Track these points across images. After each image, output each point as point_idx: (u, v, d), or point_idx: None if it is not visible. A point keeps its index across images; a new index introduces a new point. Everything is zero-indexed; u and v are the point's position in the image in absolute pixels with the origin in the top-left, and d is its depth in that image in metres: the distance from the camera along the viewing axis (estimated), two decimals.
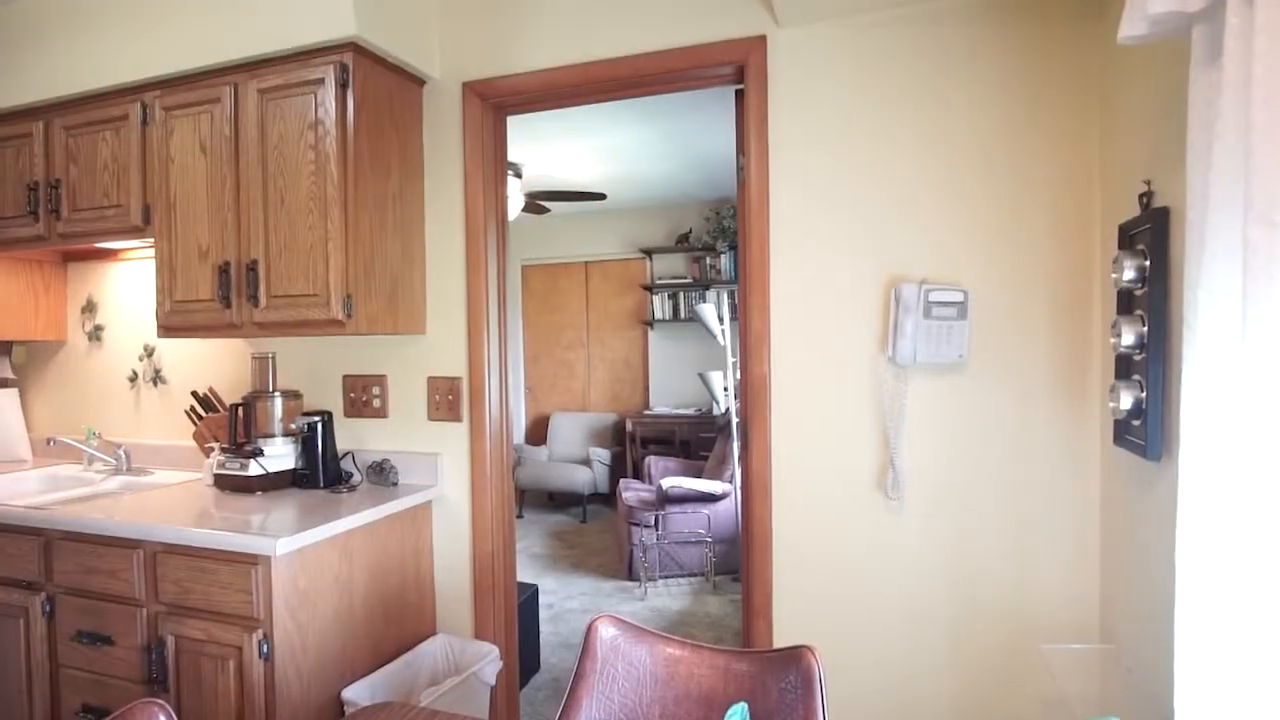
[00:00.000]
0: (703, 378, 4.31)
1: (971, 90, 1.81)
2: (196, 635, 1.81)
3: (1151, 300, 1.32)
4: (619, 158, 4.77)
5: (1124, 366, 1.45)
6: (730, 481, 4.26)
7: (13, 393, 3.12)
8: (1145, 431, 1.33)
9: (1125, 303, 1.46)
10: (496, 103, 2.30)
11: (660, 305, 6.27)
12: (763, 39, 1.97)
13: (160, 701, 1.03)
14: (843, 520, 1.94)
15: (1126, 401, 1.37)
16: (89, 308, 3.02)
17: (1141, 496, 1.47)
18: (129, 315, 2.93)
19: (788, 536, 1.99)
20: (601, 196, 4.78)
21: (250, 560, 1.74)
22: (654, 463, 5.07)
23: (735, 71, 2.05)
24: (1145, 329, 1.34)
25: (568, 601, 3.94)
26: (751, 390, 1.99)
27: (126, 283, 2.93)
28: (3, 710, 2.10)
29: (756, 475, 1.98)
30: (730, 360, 4.19)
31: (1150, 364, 1.32)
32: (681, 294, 6.20)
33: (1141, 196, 1.40)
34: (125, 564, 1.90)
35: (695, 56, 2.03)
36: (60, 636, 2.01)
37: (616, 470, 6.14)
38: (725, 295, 5.86)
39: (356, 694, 1.91)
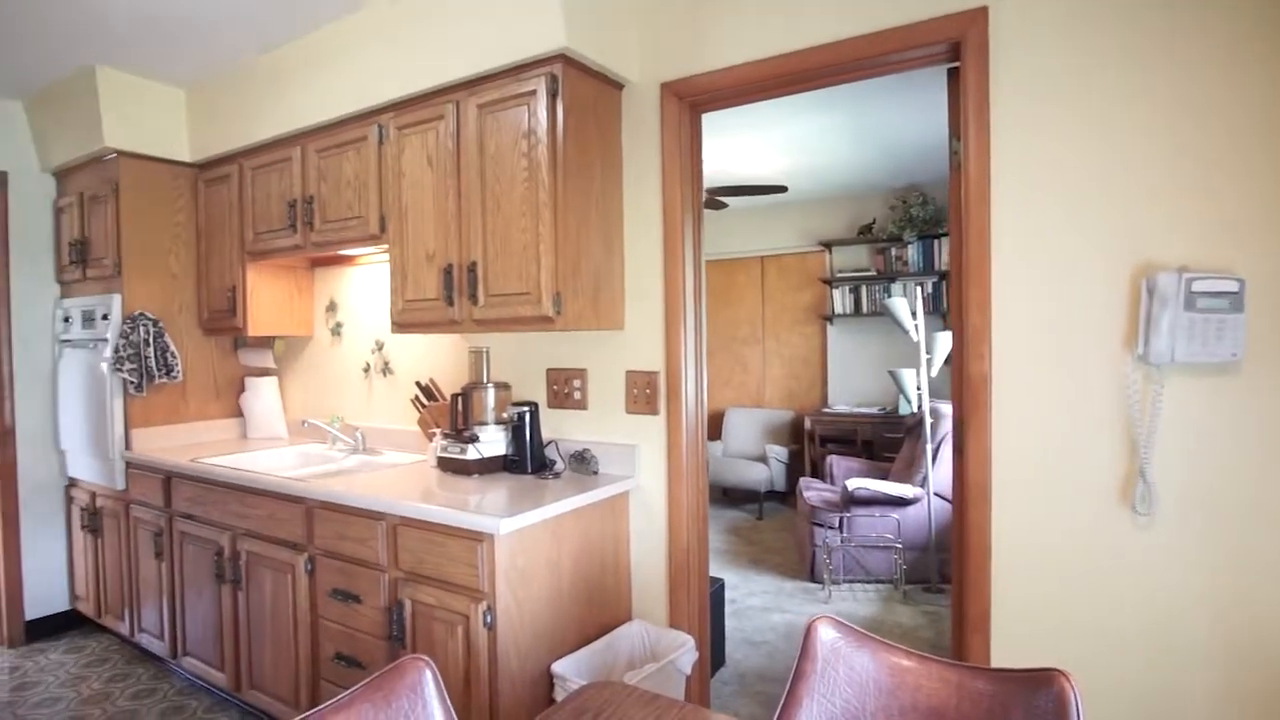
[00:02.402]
0: (893, 375, 4.10)
1: (1246, 40, 1.56)
2: (429, 601, 2.01)
3: None
4: (799, 149, 4.65)
5: None
6: (922, 486, 4.02)
7: (273, 380, 3.64)
8: None
9: None
10: (693, 101, 2.33)
11: (840, 299, 6.05)
12: (983, 10, 1.82)
13: (426, 658, 1.14)
14: (1076, 535, 1.75)
15: None
16: (331, 307, 3.45)
17: None
18: (363, 314, 3.31)
19: (1008, 548, 1.83)
20: (783, 189, 4.69)
21: (476, 537, 1.90)
22: (835, 462, 4.91)
23: (949, 49, 1.92)
24: None
25: (749, 599, 3.92)
26: (969, 390, 1.86)
27: (360, 285, 3.32)
28: (278, 650, 2.47)
29: (974, 481, 1.85)
30: (924, 357, 3.95)
31: None
32: (864, 287, 5.94)
33: None
34: (371, 533, 2.15)
35: (903, 37, 1.93)
36: (319, 592, 2.32)
37: (794, 468, 6.03)
38: (914, 288, 5.53)
39: (564, 668, 2.02)
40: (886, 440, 5.52)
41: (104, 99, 3.10)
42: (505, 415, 2.49)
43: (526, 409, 2.44)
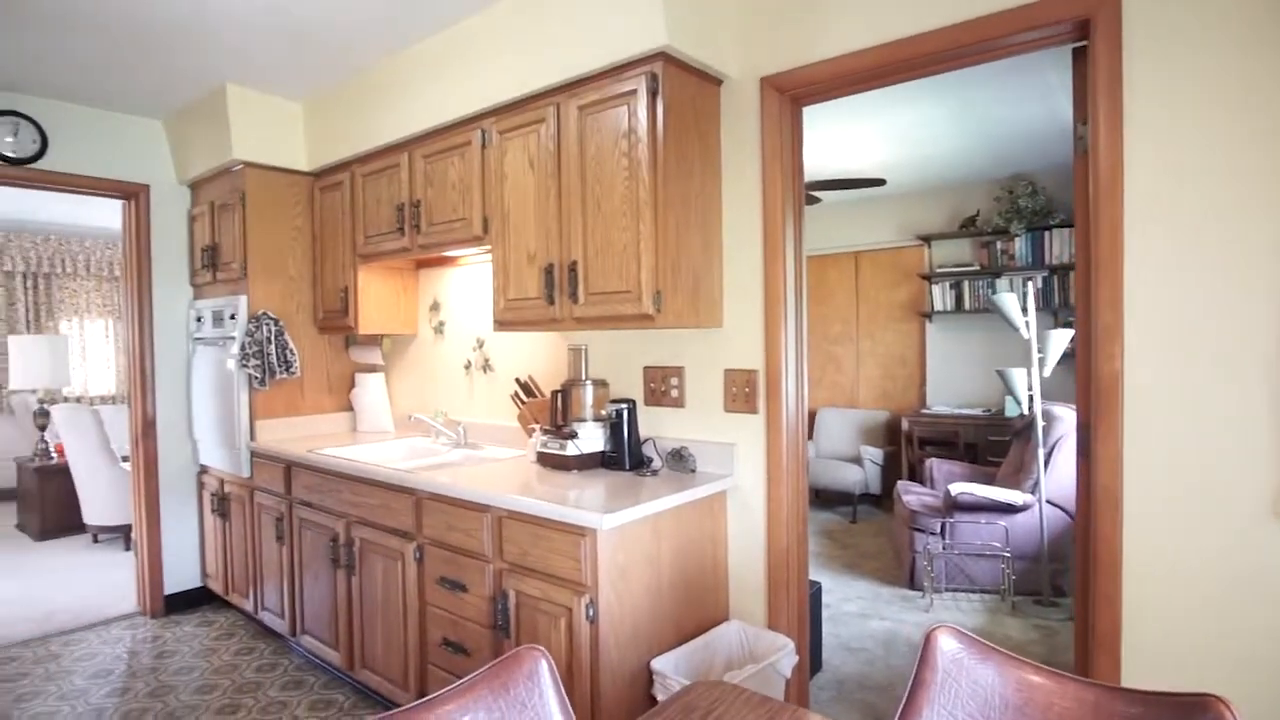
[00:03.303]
0: (1001, 375, 3.88)
1: None
2: (533, 593, 2.06)
3: None
4: (897, 139, 4.49)
5: None
6: (1033, 492, 3.80)
7: (380, 376, 3.82)
8: None
9: None
10: (794, 95, 2.29)
11: (940, 296, 5.81)
12: None
13: (541, 649, 1.17)
14: (1220, 550, 1.61)
15: None
16: (434, 307, 3.59)
17: None
18: (464, 313, 3.43)
19: (1141, 561, 1.71)
20: (881, 182, 4.54)
21: (580, 532, 1.93)
22: (935, 465, 4.71)
23: (1075, 27, 1.80)
24: None
25: (845, 604, 3.82)
26: (1098, 391, 1.74)
27: (462, 285, 3.43)
28: (388, 633, 2.59)
29: (1103, 487, 1.73)
30: (1035, 356, 3.73)
31: None
32: (966, 283, 5.68)
33: None
34: (477, 524, 2.23)
35: (1027, 18, 1.82)
36: (427, 579, 2.42)
37: (889, 471, 5.83)
38: (1023, 283, 5.24)
39: (663, 665, 2.03)
40: (991, 444, 5.26)
41: (233, 114, 3.33)
42: (603, 412, 2.52)
43: (625, 406, 2.46)
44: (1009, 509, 3.78)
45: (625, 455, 2.45)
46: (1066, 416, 3.91)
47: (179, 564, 3.90)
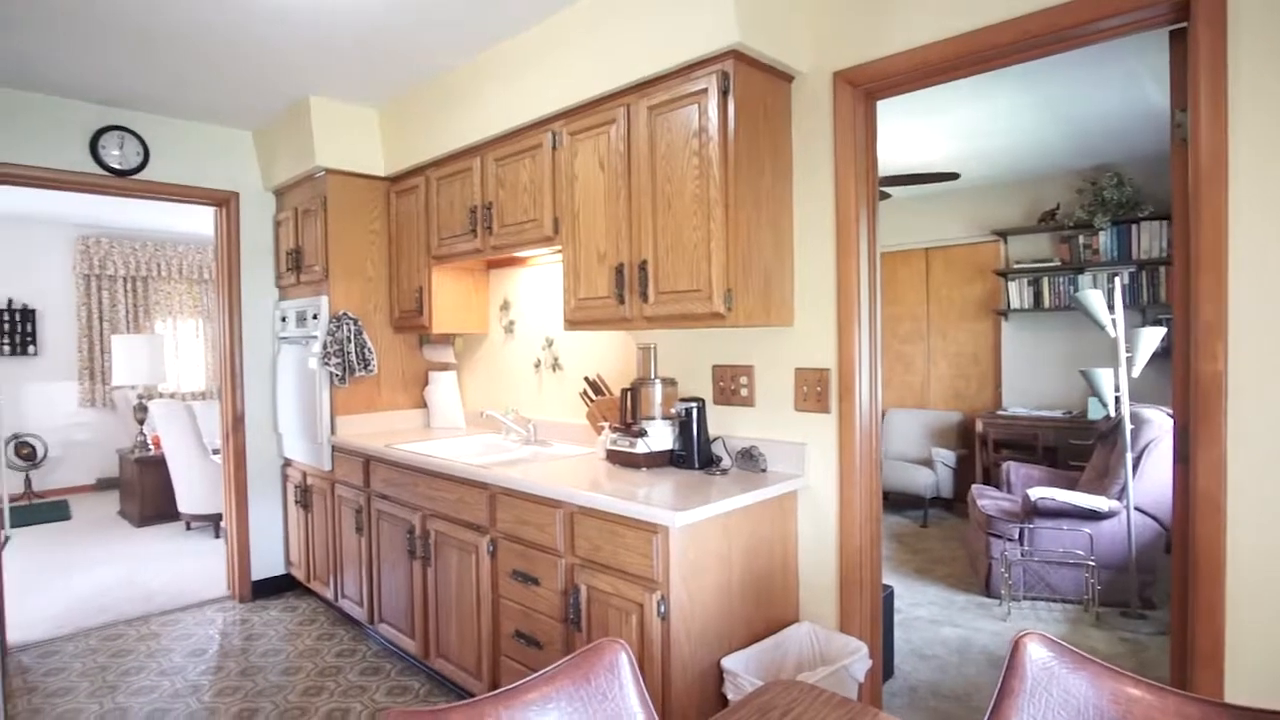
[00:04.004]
0: (1085, 375, 3.71)
1: None
2: (605, 588, 2.08)
3: None
4: (970, 132, 4.35)
5: None
6: (1119, 498, 3.62)
7: (453, 374, 3.93)
8: None
9: None
10: (867, 89, 2.24)
11: (1017, 293, 5.59)
12: None
13: (621, 641, 1.19)
14: None
15: None
16: (504, 306, 3.67)
17: None
18: (533, 312, 3.49)
19: (1247, 571, 1.61)
20: (954, 176, 4.41)
21: (651, 529, 1.94)
22: (1012, 469, 4.54)
23: (1173, 9, 1.71)
24: None
25: (915, 609, 3.73)
26: (1198, 392, 1.65)
27: (531, 285, 3.50)
28: (462, 623, 2.66)
29: (1203, 494, 1.64)
30: (1123, 355, 3.55)
31: None
32: (1045, 279, 5.45)
33: None
34: (549, 520, 2.27)
35: (1117, 1, 1.74)
36: (500, 572, 2.48)
37: (961, 474, 5.66)
38: (1108, 279, 5.00)
39: (734, 664, 2.02)
40: (1072, 447, 5.03)
41: (315, 123, 3.49)
42: (672, 411, 2.53)
43: (694, 405, 2.47)
44: (1093, 515, 3.61)
45: (694, 454, 2.46)
46: (1157, 419, 3.71)
47: (265, 552, 4.11)
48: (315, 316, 3.66)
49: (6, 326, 6.75)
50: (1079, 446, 4.95)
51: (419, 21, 2.70)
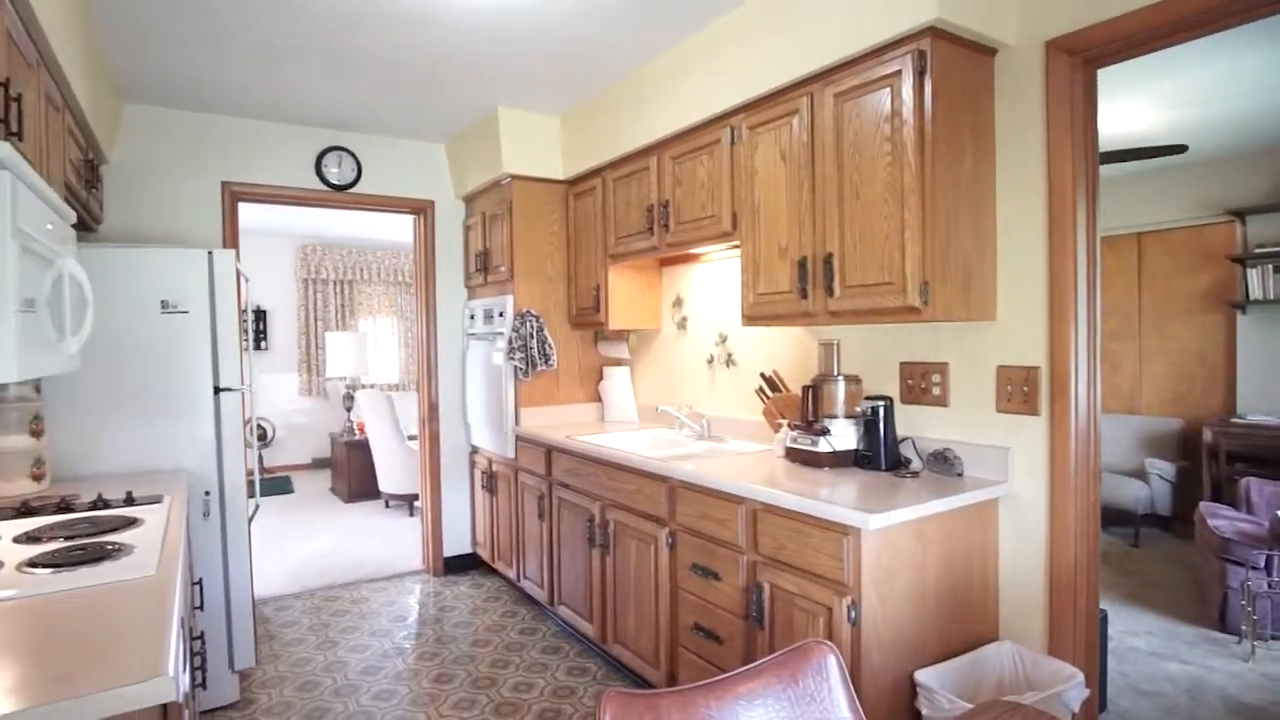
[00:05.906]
0: None
1: None
2: (789, 588, 2.04)
3: None
4: (1204, 98, 3.78)
5: None
6: None
7: (626, 370, 4.03)
8: None
9: None
10: (1086, 56, 2.02)
11: (1258, 281, 4.81)
12: None
13: (829, 643, 1.15)
14: None
15: None
16: (677, 303, 3.71)
17: None
18: (706, 308, 3.50)
19: None
20: (1182, 149, 3.87)
21: (841, 530, 1.88)
22: (1253, 486, 3.92)
23: None
24: None
25: (1130, 639, 3.33)
26: None
27: (704, 281, 3.51)
28: (640, 612, 2.73)
29: None
30: None
31: None
32: None
33: None
34: (730, 515, 2.26)
35: None
36: (679, 565, 2.51)
37: (1182, 489, 4.97)
38: None
39: (929, 678, 1.91)
40: None
41: (503, 133, 3.72)
42: (856, 409, 2.43)
43: (881, 403, 2.35)
44: None
45: (881, 454, 2.34)
46: None
47: (455, 531, 4.46)
48: (501, 314, 3.90)
49: (248, 326, 7.85)
50: None
51: (601, 29, 2.79)
